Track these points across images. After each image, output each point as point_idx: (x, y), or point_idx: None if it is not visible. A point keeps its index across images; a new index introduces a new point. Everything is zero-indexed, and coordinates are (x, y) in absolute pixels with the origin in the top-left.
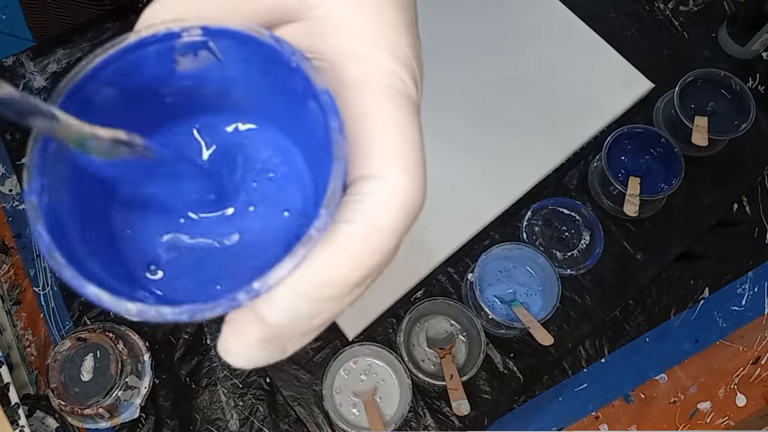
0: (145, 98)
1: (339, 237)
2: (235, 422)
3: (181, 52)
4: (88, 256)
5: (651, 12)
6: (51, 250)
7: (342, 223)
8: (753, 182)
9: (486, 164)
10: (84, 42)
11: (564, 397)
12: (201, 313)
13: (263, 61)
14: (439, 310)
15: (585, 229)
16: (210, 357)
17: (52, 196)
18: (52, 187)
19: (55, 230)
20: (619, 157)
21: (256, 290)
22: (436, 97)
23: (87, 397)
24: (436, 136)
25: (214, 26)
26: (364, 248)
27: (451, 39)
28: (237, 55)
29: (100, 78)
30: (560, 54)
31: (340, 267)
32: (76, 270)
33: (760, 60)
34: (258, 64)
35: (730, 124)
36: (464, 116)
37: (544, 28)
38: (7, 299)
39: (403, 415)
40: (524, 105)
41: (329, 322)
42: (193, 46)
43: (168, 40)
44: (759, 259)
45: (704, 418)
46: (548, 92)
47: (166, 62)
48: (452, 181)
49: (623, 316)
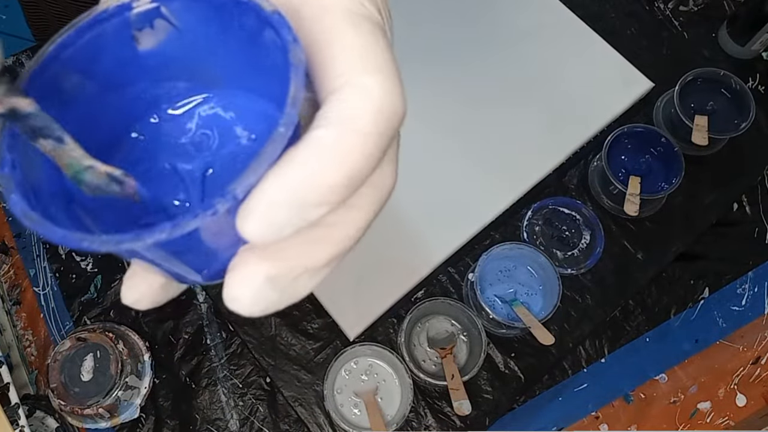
0: (114, 86)
1: (311, 140)
2: (235, 422)
3: (137, 25)
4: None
5: (651, 12)
6: (26, 212)
7: (314, 129)
8: (753, 182)
9: (486, 164)
10: None
11: (564, 397)
12: (180, 227)
13: (216, 12)
14: (440, 310)
15: (585, 228)
16: (210, 357)
17: (26, 173)
18: (25, 164)
19: (30, 199)
20: (620, 156)
21: (231, 193)
22: (436, 97)
23: (87, 397)
24: (437, 136)
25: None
26: (340, 147)
27: (451, 39)
28: (191, 15)
29: (64, 60)
30: (560, 54)
31: (315, 167)
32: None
33: (760, 60)
34: (213, 18)
35: (730, 123)
36: (464, 116)
37: (544, 28)
38: (7, 299)
39: (404, 415)
40: (524, 105)
41: (336, 254)
42: (146, 15)
43: (121, 13)
44: (759, 259)
45: (704, 418)
46: (548, 92)
47: (126, 40)
48: (452, 180)
49: (623, 316)
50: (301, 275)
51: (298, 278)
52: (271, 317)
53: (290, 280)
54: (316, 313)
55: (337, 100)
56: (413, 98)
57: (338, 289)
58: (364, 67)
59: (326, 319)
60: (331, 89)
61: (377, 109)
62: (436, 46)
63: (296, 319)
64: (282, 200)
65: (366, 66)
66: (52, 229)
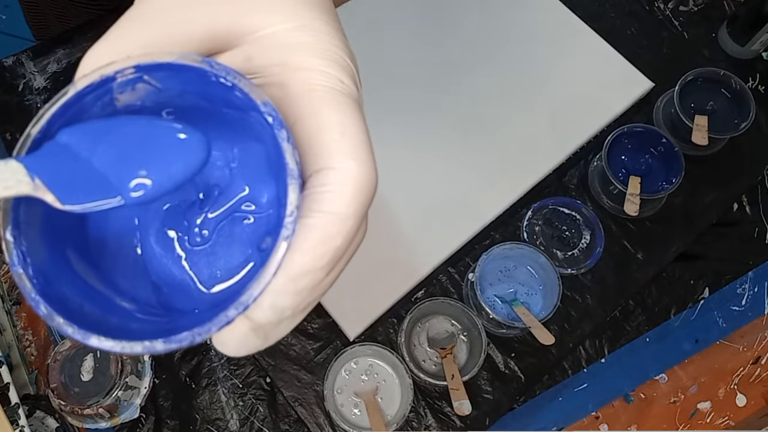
0: None
1: (302, 231)
2: (235, 422)
3: (119, 90)
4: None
5: (651, 12)
6: (52, 315)
7: (303, 218)
8: (753, 182)
9: (486, 164)
10: (84, 42)
11: (564, 397)
12: (200, 335)
13: (200, 85)
14: (440, 310)
15: (585, 228)
16: (210, 357)
17: (34, 256)
18: (32, 247)
19: (46, 289)
20: (620, 156)
21: (244, 303)
22: (436, 97)
23: (87, 397)
24: (436, 136)
25: (145, 62)
26: (326, 235)
27: (451, 39)
28: (173, 82)
29: (53, 134)
30: (560, 54)
31: (308, 257)
32: (77, 325)
33: (760, 60)
34: (196, 88)
35: (730, 123)
36: (464, 116)
37: (544, 28)
38: (7, 299)
39: (404, 415)
40: (524, 105)
41: (314, 304)
42: (129, 82)
43: (104, 84)
44: (759, 259)
45: (704, 418)
46: (548, 92)
47: (108, 104)
48: (452, 181)
49: (623, 316)
50: (283, 322)
51: (280, 323)
52: None
53: (273, 327)
54: (316, 313)
55: (322, 185)
56: (413, 99)
57: (338, 289)
58: (346, 152)
59: (326, 319)
60: (317, 168)
61: (358, 190)
62: (436, 46)
63: None
64: (285, 290)
65: (347, 151)
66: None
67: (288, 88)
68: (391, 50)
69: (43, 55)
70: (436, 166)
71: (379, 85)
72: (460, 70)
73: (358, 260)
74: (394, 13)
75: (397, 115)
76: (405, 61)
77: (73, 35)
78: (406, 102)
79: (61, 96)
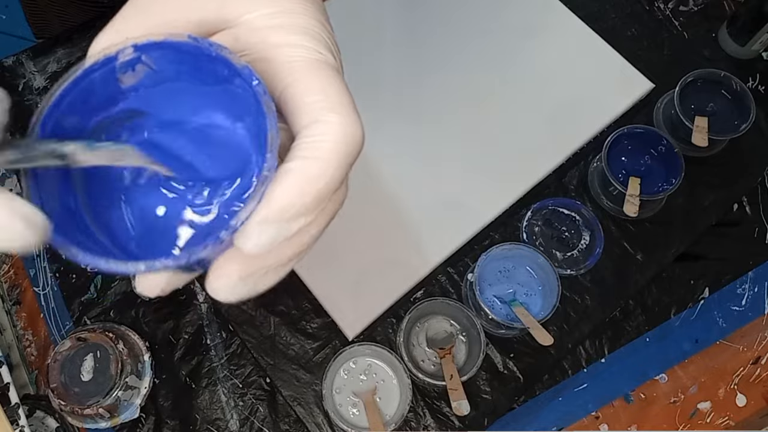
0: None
1: (284, 172)
2: (235, 422)
3: (121, 70)
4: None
5: (651, 12)
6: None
7: (286, 162)
8: (753, 182)
9: (486, 164)
10: (84, 42)
11: (564, 397)
12: (195, 254)
13: (189, 59)
14: (439, 310)
15: (585, 229)
16: (210, 357)
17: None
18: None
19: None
20: (619, 157)
21: (233, 227)
22: (436, 97)
23: (87, 397)
24: (436, 136)
25: (141, 42)
26: (308, 174)
27: (451, 39)
28: (167, 61)
29: (63, 106)
30: (560, 54)
31: (292, 191)
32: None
33: (760, 60)
34: (186, 63)
35: (730, 124)
36: (464, 116)
37: (544, 28)
38: (7, 299)
39: (403, 415)
40: (524, 105)
41: (298, 258)
42: (129, 63)
43: (108, 63)
44: (759, 259)
45: (704, 418)
46: (548, 92)
47: (111, 82)
48: (452, 181)
49: (623, 316)
50: (269, 271)
51: (267, 274)
52: (270, 317)
53: (260, 277)
54: (315, 312)
55: (307, 135)
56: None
57: (337, 289)
58: (327, 106)
59: (325, 319)
60: (302, 125)
61: (341, 139)
62: (436, 46)
63: (295, 318)
64: (271, 219)
65: (329, 105)
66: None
67: (271, 62)
68: (390, 50)
69: (43, 55)
70: (435, 167)
71: (379, 85)
72: (461, 71)
73: (358, 260)
74: (394, 13)
75: (397, 115)
76: (404, 61)
77: (73, 35)
78: (405, 103)
79: (70, 74)
